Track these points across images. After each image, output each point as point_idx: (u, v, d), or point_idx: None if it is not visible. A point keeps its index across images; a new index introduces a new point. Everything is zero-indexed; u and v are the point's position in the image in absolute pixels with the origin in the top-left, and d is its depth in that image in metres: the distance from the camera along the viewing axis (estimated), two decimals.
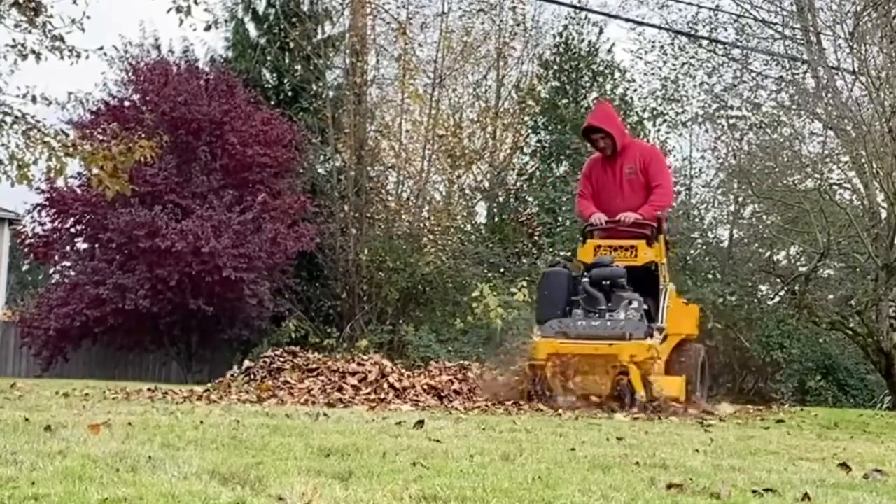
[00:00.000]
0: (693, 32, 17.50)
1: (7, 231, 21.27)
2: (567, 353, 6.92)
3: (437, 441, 3.92)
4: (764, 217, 16.07)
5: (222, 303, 15.65)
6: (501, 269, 15.97)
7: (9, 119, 10.54)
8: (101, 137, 11.37)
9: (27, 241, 17.05)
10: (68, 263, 16.95)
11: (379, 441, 3.81)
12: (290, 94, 18.72)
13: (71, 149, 10.49)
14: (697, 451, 4.13)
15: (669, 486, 2.93)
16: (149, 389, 7.37)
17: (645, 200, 7.73)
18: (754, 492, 2.93)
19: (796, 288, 14.69)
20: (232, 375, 7.94)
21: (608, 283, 7.35)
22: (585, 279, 7.40)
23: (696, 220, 16.10)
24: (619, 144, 7.81)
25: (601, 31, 18.64)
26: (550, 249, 15.60)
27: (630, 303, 7.32)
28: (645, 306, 7.40)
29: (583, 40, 18.36)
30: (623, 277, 7.39)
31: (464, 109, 19.06)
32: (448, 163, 18.53)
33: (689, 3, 17.27)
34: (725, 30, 17.35)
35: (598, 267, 7.47)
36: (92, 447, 3.25)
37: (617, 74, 18.27)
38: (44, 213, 16.64)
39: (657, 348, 6.99)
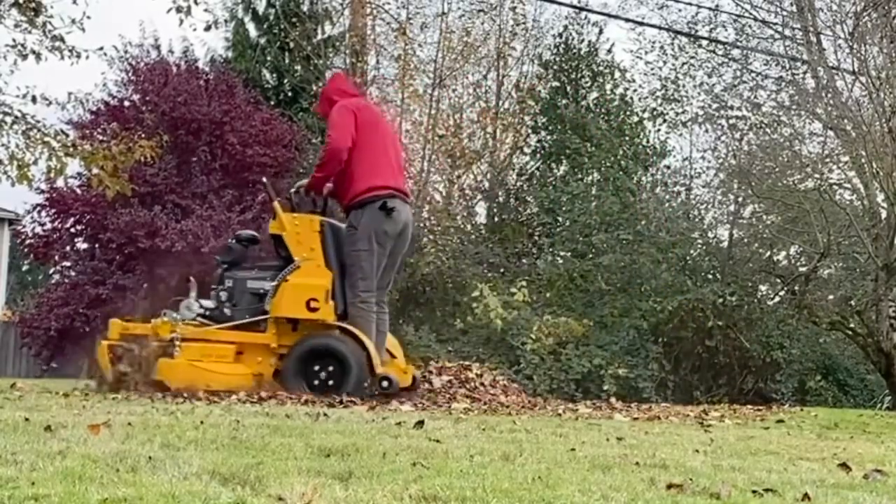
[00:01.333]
0: (693, 32, 17.51)
1: (7, 231, 21.29)
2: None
3: (437, 441, 3.92)
4: (764, 217, 16.06)
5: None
6: (501, 269, 15.96)
7: (9, 119, 10.55)
8: (101, 137, 11.41)
9: (27, 241, 17.06)
10: (68, 263, 16.96)
11: (379, 441, 3.81)
12: (290, 94, 18.72)
13: (71, 149, 10.50)
14: (697, 451, 4.13)
15: (669, 486, 2.93)
16: None
17: None
18: (754, 492, 2.93)
19: (796, 288, 14.68)
20: None
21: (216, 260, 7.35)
22: None
23: (696, 220, 16.10)
24: (326, 113, 7.24)
25: (601, 32, 18.65)
26: (550, 249, 15.60)
27: (224, 283, 7.13)
28: (267, 285, 6.99)
29: (583, 40, 18.36)
30: (218, 255, 7.42)
31: (464, 110, 19.05)
32: (448, 163, 18.53)
33: (689, 3, 17.29)
34: (725, 30, 17.37)
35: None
36: (92, 447, 3.25)
37: (617, 74, 18.28)
38: (44, 214, 16.65)
39: (157, 329, 6.65)
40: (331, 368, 6.69)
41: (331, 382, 6.65)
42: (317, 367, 6.70)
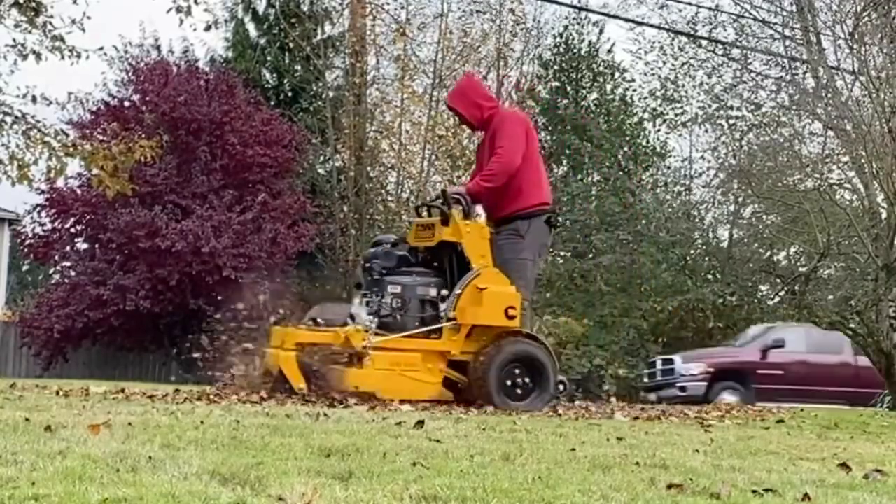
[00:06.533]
0: (693, 32, 17.49)
1: (7, 231, 21.27)
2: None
3: (437, 441, 3.92)
4: (764, 217, 16.06)
5: (222, 303, 15.63)
6: None
7: (9, 119, 10.54)
8: (101, 137, 11.39)
9: (27, 242, 17.06)
10: (68, 264, 16.96)
11: (379, 441, 3.81)
12: (290, 94, 18.73)
13: (71, 149, 10.49)
14: (697, 451, 4.13)
15: (669, 486, 2.93)
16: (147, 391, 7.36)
17: None
18: (754, 492, 2.93)
19: (796, 288, 14.68)
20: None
21: (369, 265, 6.94)
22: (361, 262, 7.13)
23: (696, 220, 16.11)
24: (478, 118, 7.16)
25: (601, 32, 18.67)
26: (550, 249, 15.59)
27: (392, 287, 6.80)
28: (433, 291, 6.81)
29: (583, 40, 18.37)
30: (375, 260, 6.92)
31: None
32: (448, 163, 18.53)
33: (689, 3, 17.27)
34: (725, 30, 17.35)
35: (375, 247, 7.12)
36: (92, 447, 3.25)
37: (617, 74, 18.28)
38: (44, 214, 16.65)
39: (342, 338, 6.41)
40: (527, 378, 6.67)
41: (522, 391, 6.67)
42: (516, 374, 6.67)
